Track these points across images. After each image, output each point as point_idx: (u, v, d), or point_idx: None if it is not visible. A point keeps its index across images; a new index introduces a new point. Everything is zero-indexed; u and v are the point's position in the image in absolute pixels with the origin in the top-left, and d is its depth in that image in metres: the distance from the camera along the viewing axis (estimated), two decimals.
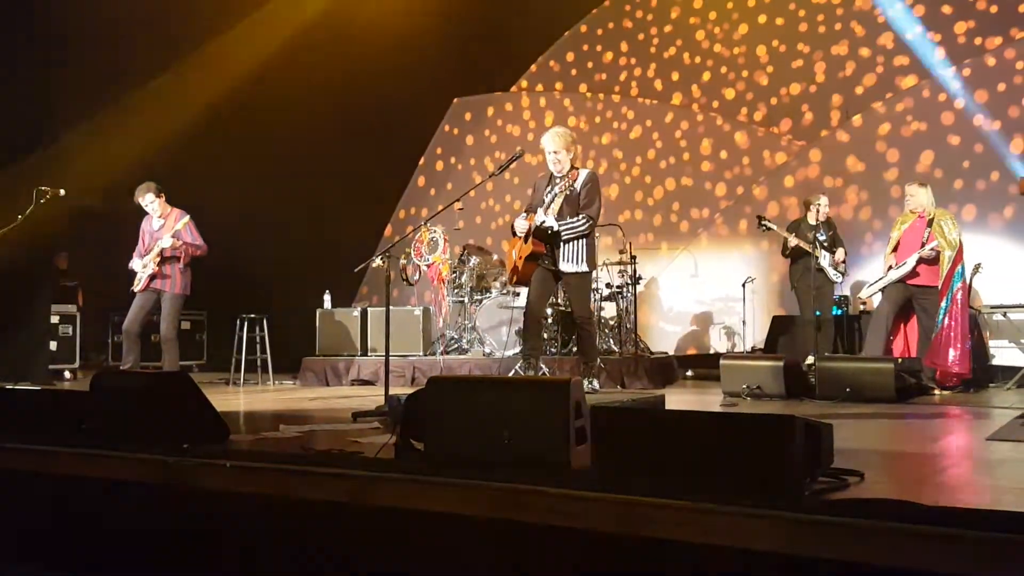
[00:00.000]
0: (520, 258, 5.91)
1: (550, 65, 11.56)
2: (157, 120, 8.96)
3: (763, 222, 7.88)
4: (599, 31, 11.23)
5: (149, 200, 7.03)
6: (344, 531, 2.82)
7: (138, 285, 7.00)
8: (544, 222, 5.81)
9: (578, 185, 5.88)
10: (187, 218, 7.03)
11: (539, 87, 11.62)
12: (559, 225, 5.80)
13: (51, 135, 8.96)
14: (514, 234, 6.08)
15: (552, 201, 5.87)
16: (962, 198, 8.52)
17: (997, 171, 8.44)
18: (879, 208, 9.06)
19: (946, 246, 6.61)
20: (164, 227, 7.04)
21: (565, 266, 5.88)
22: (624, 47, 11.03)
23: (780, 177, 9.78)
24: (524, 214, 6.07)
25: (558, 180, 5.95)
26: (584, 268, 5.90)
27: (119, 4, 8.53)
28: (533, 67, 11.66)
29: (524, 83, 11.74)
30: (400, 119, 11.22)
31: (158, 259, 6.91)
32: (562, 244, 5.85)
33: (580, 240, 5.85)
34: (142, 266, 6.97)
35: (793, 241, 7.66)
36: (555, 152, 5.90)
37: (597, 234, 6.66)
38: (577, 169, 5.99)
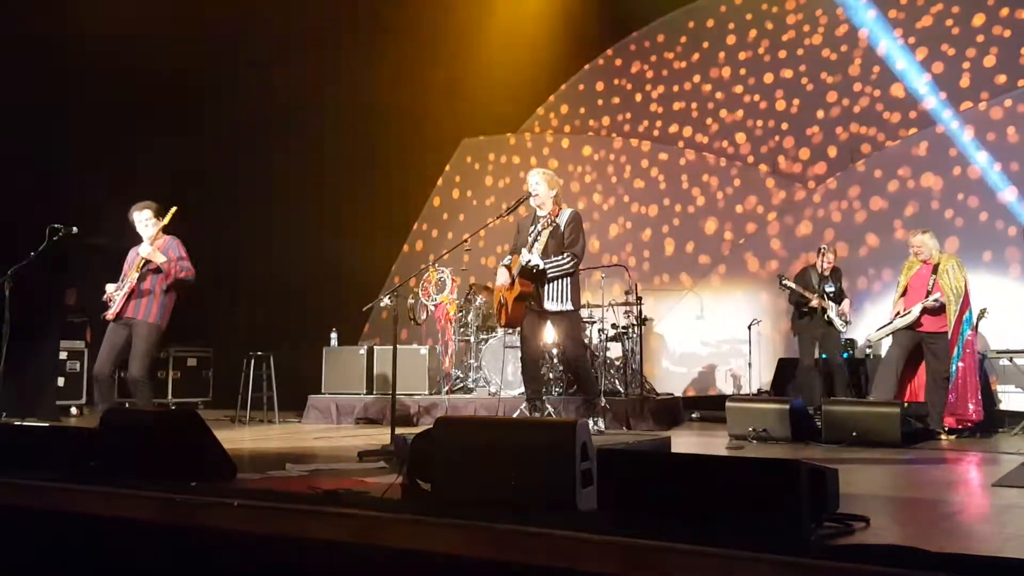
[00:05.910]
0: (509, 301, 5.95)
1: (562, 108, 11.70)
2: (168, 156, 9.00)
3: (783, 281, 7.89)
4: (615, 70, 11.40)
5: (146, 217, 5.99)
6: (350, 571, 2.82)
7: (113, 307, 5.89)
8: (530, 261, 5.84)
9: (562, 222, 5.94)
10: (174, 239, 6.10)
11: (553, 126, 11.75)
12: (544, 263, 5.84)
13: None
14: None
15: (536, 239, 5.93)
16: (964, 242, 8.55)
17: (998, 215, 8.49)
18: (886, 252, 9.10)
19: (951, 297, 6.62)
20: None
21: (550, 305, 5.90)
22: (643, 88, 11.15)
23: (786, 222, 9.84)
24: (508, 257, 6.12)
25: (541, 218, 6.02)
26: (568, 307, 5.91)
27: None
28: (548, 108, 11.82)
29: (537, 126, 11.88)
30: (414, 159, 11.34)
31: (136, 274, 5.87)
32: (546, 283, 5.89)
33: (564, 279, 5.89)
34: (117, 286, 5.94)
35: (816, 302, 7.62)
36: (536, 184, 5.98)
37: (583, 271, 6.70)
38: (560, 207, 6.07)
